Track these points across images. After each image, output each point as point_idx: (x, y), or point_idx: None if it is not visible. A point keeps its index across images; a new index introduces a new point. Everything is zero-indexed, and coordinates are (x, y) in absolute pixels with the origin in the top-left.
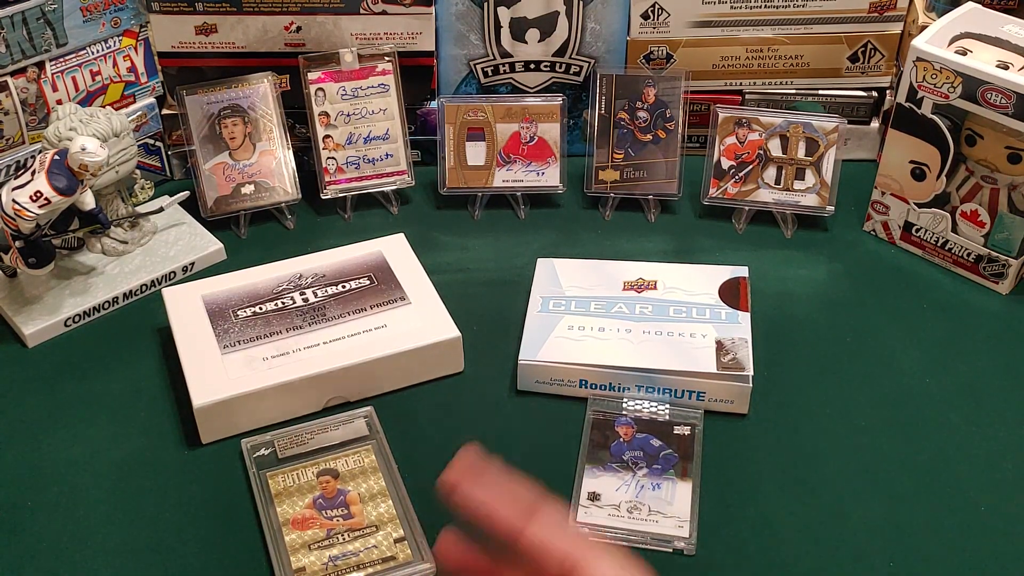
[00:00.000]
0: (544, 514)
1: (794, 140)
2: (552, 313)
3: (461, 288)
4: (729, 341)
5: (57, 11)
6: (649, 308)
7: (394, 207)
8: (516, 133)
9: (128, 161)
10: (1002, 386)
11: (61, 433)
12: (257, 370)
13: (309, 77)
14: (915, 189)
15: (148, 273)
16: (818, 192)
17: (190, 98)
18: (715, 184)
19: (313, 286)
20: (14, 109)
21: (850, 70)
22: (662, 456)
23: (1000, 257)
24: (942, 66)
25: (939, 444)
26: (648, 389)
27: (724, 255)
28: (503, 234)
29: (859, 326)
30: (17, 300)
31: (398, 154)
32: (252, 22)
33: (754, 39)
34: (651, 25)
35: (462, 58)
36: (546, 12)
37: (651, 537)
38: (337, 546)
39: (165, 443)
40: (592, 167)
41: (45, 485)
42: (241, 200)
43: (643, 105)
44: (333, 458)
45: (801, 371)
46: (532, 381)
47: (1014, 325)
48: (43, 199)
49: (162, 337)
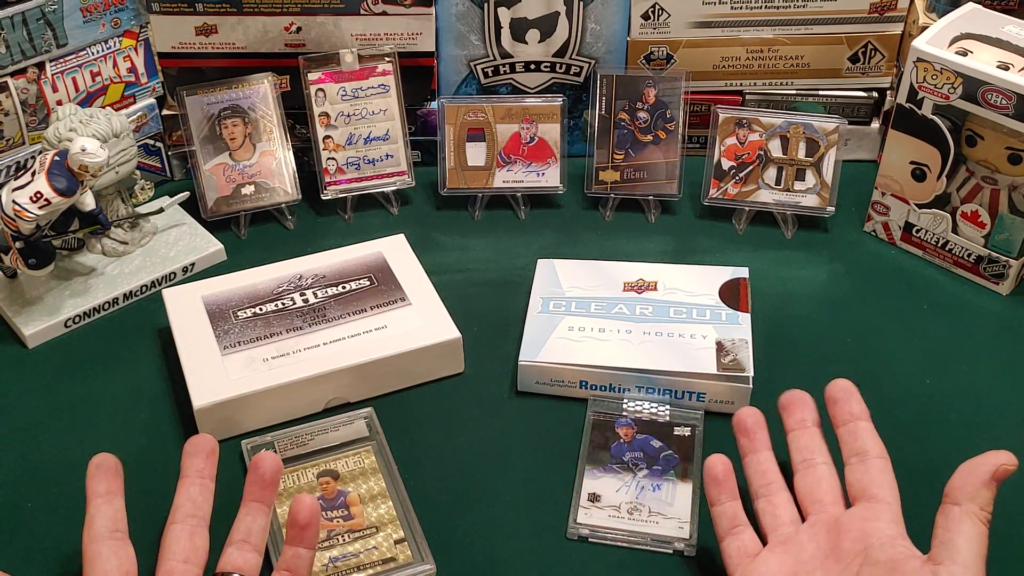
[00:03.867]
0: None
1: (794, 141)
2: (552, 314)
3: (461, 289)
4: (729, 342)
5: (57, 12)
6: (649, 309)
7: (394, 208)
8: (516, 134)
9: (128, 162)
10: (1002, 386)
11: (61, 434)
12: (257, 371)
13: (309, 78)
14: (915, 190)
15: (148, 274)
16: (818, 193)
17: (190, 99)
18: (715, 185)
19: (313, 287)
20: (14, 110)
21: (850, 71)
22: (662, 457)
23: (1000, 258)
24: (942, 67)
25: (939, 444)
26: (648, 390)
27: (724, 256)
28: (503, 235)
29: (859, 327)
30: (17, 301)
31: (398, 155)
32: (252, 23)
33: (754, 40)
34: (651, 26)
35: (462, 58)
36: (546, 12)
37: (651, 538)
38: (337, 547)
39: (165, 444)
40: (592, 167)
41: (45, 486)
42: (241, 201)
43: (643, 106)
44: (333, 459)
45: (801, 372)
46: (532, 382)
47: (1014, 326)
48: (43, 200)
49: (162, 338)
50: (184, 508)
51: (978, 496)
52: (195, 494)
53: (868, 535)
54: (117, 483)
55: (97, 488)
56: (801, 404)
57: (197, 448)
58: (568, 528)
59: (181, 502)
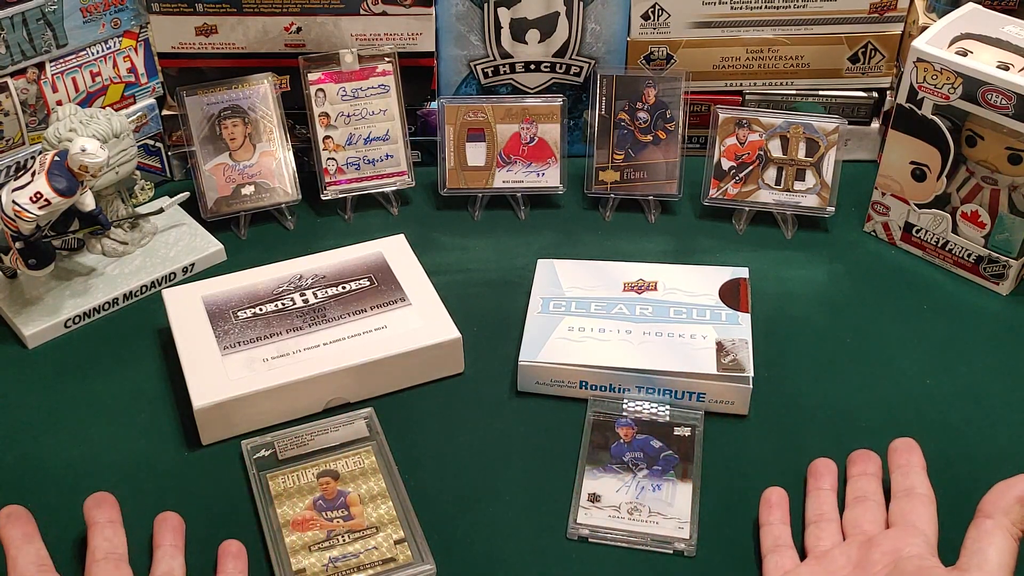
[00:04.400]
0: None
1: (794, 141)
2: (552, 314)
3: (461, 289)
4: (729, 342)
5: (57, 12)
6: (649, 309)
7: (394, 208)
8: (516, 134)
9: (128, 162)
10: (1002, 386)
11: (61, 434)
12: (257, 371)
13: (309, 78)
14: (915, 190)
15: (148, 274)
16: (818, 193)
17: (190, 99)
18: (715, 185)
19: (313, 287)
20: (14, 110)
21: (850, 71)
22: (662, 457)
23: (1000, 258)
24: (942, 67)
25: (939, 445)
26: (648, 390)
27: (724, 256)
28: (503, 235)
29: (859, 327)
30: (17, 301)
31: (398, 155)
32: (252, 23)
33: (754, 40)
34: (651, 26)
35: (462, 59)
36: (546, 13)
37: (651, 538)
38: (337, 547)
39: (165, 444)
40: (592, 168)
41: (45, 486)
42: (241, 201)
43: (643, 106)
44: (333, 459)
45: (801, 372)
46: (532, 382)
47: (1014, 326)
48: (43, 200)
49: (162, 338)
50: (102, 547)
51: (1011, 511)
52: (110, 534)
53: (898, 550)
54: (31, 527)
55: (12, 533)
56: (867, 459)
57: (98, 502)
58: (568, 528)
59: (98, 543)
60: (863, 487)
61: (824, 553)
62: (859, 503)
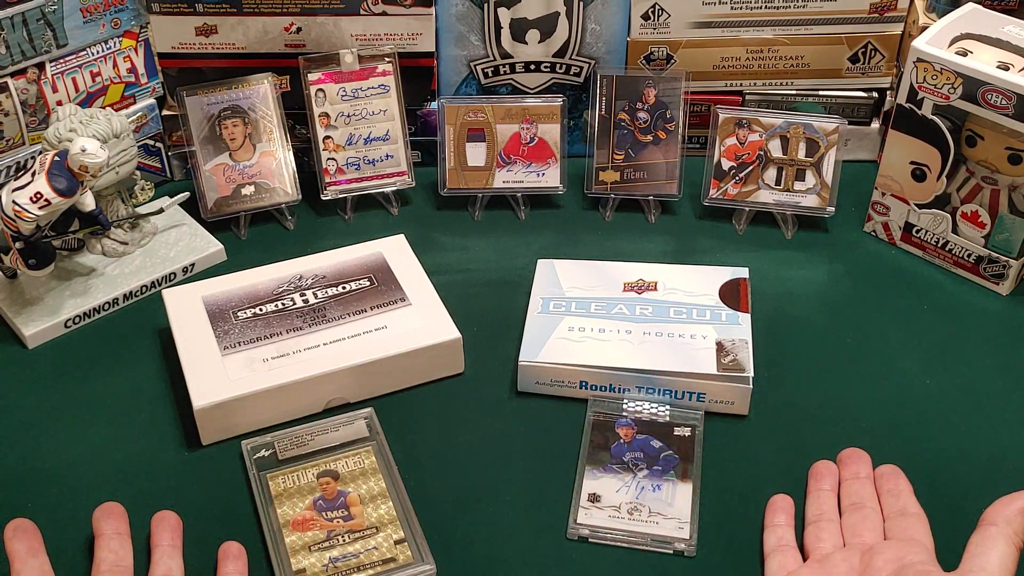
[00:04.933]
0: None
1: (794, 141)
2: (552, 314)
3: (461, 289)
4: (729, 342)
5: (57, 12)
6: (649, 309)
7: (394, 208)
8: (516, 134)
9: (128, 162)
10: (1002, 386)
11: (61, 434)
12: (257, 371)
13: (309, 78)
14: (915, 190)
15: (148, 274)
16: (818, 193)
17: (190, 99)
18: (715, 185)
19: (313, 287)
20: (14, 110)
21: (850, 71)
22: (662, 457)
23: (1000, 258)
24: (942, 67)
25: (939, 445)
26: (648, 390)
27: (724, 256)
28: (503, 235)
29: (859, 327)
30: (17, 301)
31: (398, 155)
32: (252, 23)
33: (754, 40)
34: (651, 26)
35: (462, 59)
36: (546, 13)
37: (651, 539)
38: (337, 547)
39: (165, 444)
40: (592, 168)
41: (45, 486)
42: (241, 201)
43: (643, 106)
44: (333, 459)
45: (801, 372)
46: (532, 382)
47: (1014, 326)
48: (43, 200)
49: (162, 338)
50: (108, 560)
51: (1014, 521)
52: (116, 547)
53: (901, 557)
54: (37, 541)
55: (18, 547)
56: (857, 459)
57: (107, 512)
58: (568, 528)
59: (104, 555)
60: (858, 491)
61: (826, 556)
62: (857, 510)
